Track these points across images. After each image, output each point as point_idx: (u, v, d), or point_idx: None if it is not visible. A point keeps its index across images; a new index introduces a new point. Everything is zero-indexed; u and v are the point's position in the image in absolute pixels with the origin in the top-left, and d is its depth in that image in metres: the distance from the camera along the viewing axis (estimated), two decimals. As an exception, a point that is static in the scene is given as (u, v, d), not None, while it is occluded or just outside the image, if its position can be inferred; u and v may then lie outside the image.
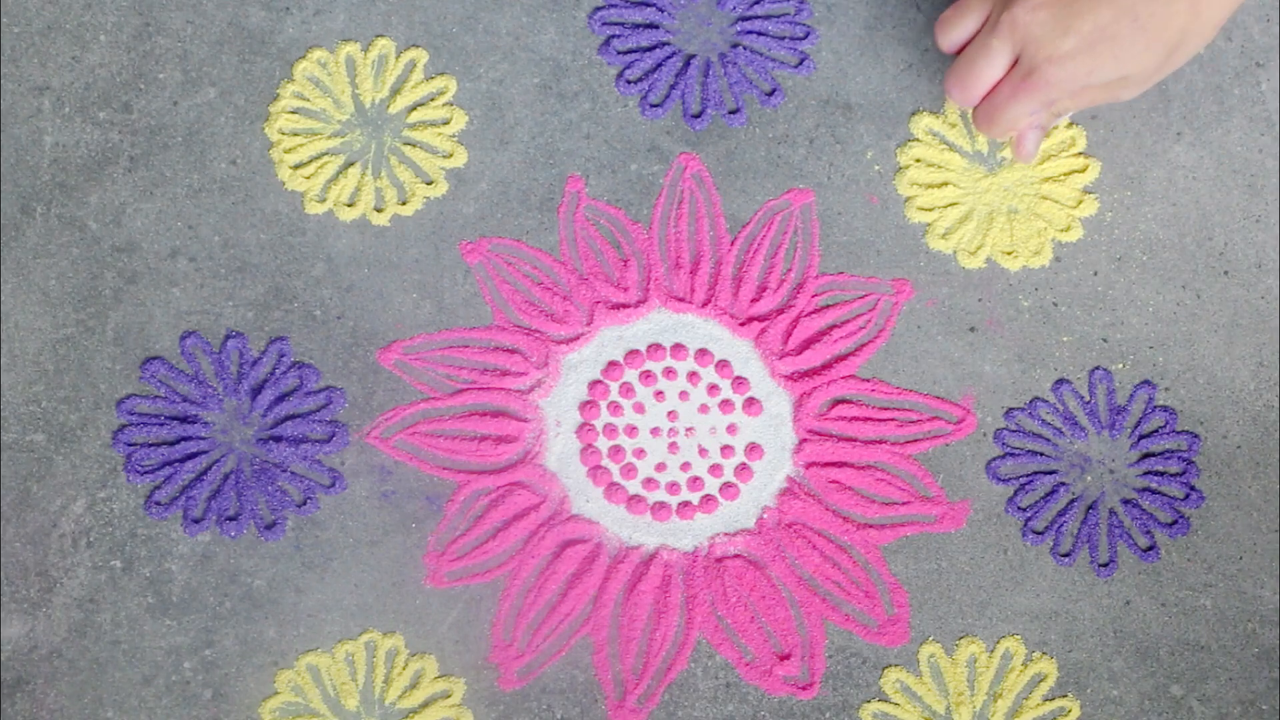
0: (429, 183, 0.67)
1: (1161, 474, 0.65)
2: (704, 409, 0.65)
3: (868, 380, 0.65)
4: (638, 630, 0.63)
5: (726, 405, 0.65)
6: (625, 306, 0.66)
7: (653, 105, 0.67)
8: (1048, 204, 0.67)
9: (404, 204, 0.66)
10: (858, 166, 0.67)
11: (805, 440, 0.65)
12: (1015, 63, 0.58)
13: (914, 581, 0.63)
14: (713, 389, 0.65)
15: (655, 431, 0.65)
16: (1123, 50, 0.56)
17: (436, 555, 0.63)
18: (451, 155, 0.67)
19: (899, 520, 0.64)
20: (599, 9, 0.69)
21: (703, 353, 0.65)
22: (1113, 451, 0.65)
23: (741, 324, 0.66)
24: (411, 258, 0.66)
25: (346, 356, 0.65)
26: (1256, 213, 0.67)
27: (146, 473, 0.63)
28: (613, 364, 0.65)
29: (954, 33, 0.61)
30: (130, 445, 0.64)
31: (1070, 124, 0.68)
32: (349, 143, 0.67)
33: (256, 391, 0.64)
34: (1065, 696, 0.63)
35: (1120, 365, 0.65)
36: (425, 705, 0.62)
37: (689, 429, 0.65)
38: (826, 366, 0.65)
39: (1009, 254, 0.66)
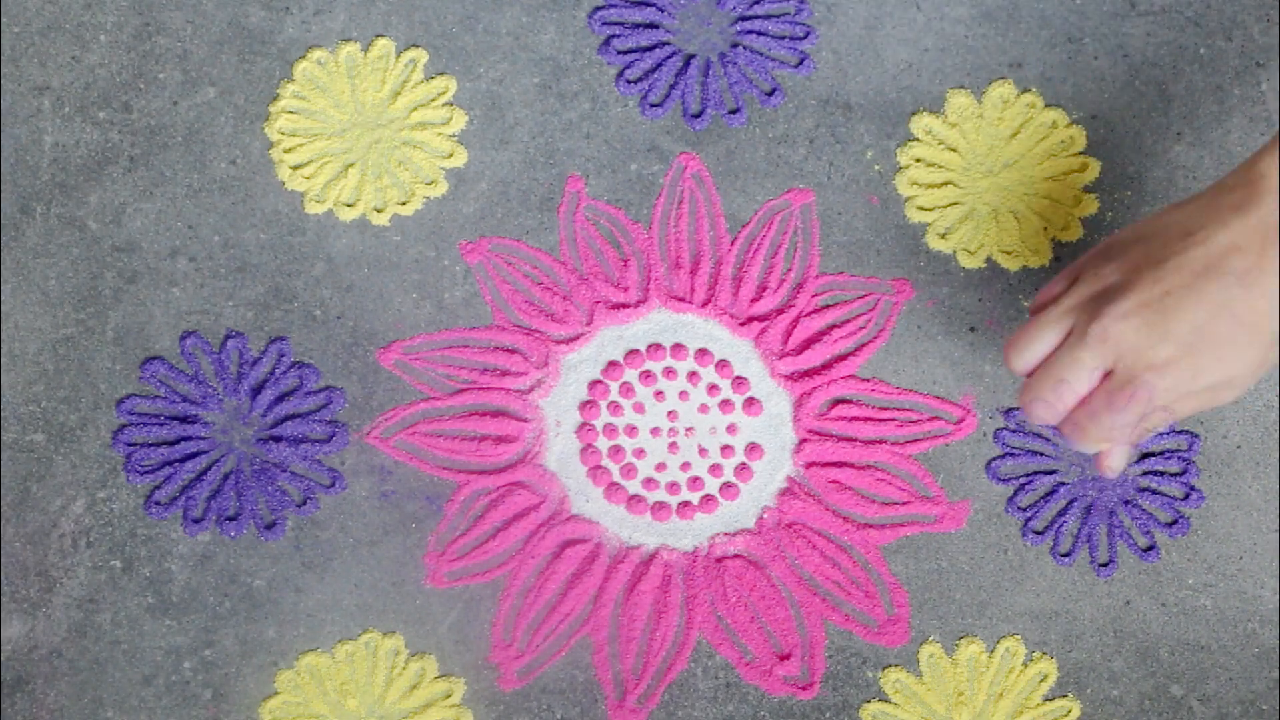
0: (429, 183, 0.67)
1: (1161, 474, 0.64)
2: (704, 409, 0.65)
3: (868, 380, 0.65)
4: (638, 630, 0.63)
5: (726, 405, 0.65)
6: (625, 306, 0.66)
7: (653, 105, 0.67)
8: (1048, 204, 0.67)
9: (404, 204, 0.66)
10: (858, 166, 0.67)
11: (805, 440, 0.65)
12: (1107, 375, 0.53)
13: (914, 581, 0.63)
14: (713, 389, 0.65)
15: (655, 431, 0.65)
16: (1225, 350, 0.51)
17: (436, 555, 0.63)
18: (451, 155, 0.67)
19: (899, 520, 0.64)
20: (599, 9, 0.68)
21: (703, 353, 0.65)
22: (1113, 451, 0.65)
23: (741, 324, 0.66)
24: (411, 258, 0.66)
25: (346, 356, 0.65)
26: (1256, 213, 0.67)
27: (146, 473, 0.63)
28: (613, 364, 0.65)
29: (1029, 352, 0.55)
30: (130, 445, 0.64)
31: (1070, 123, 0.67)
32: (349, 143, 0.67)
33: (256, 391, 0.64)
34: (1065, 696, 0.63)
35: (1120, 365, 0.65)
36: (425, 705, 0.62)
37: (689, 429, 0.65)
38: (826, 366, 0.65)
39: (1009, 254, 0.66)
